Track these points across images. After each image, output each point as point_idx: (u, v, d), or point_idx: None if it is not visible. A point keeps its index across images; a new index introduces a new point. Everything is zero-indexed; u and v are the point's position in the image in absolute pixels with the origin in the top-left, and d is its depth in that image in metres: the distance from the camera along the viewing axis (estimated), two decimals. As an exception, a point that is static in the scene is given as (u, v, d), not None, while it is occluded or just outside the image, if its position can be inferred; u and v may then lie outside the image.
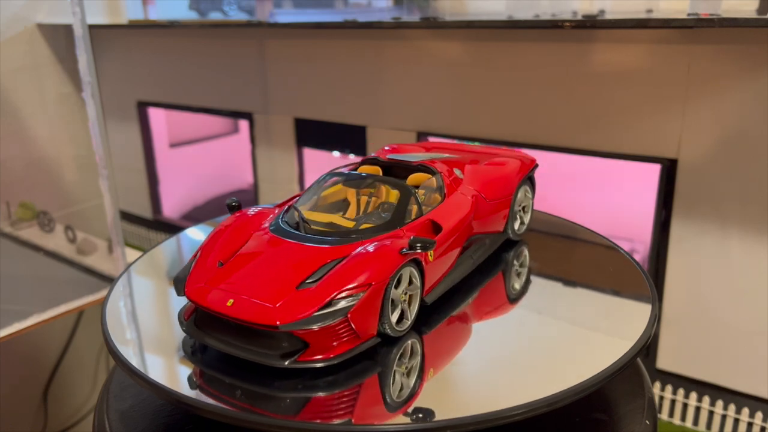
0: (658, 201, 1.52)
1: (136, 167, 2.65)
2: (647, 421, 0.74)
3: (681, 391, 1.57)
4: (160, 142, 2.66)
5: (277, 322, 0.64)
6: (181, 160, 2.75)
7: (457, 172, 0.89)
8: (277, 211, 0.83)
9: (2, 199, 1.96)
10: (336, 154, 2.17)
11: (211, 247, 0.77)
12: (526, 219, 0.99)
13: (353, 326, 0.66)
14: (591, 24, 1.37)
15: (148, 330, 0.80)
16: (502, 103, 1.67)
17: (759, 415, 1.48)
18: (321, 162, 2.20)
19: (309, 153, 2.18)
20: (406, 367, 0.68)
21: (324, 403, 0.63)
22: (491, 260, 0.91)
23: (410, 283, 0.72)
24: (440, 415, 0.60)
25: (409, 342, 0.72)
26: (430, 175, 0.85)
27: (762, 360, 1.45)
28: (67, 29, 1.69)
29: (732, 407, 1.51)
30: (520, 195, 0.96)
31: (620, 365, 0.66)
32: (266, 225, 0.79)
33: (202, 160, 2.83)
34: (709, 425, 1.55)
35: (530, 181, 1.00)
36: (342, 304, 0.65)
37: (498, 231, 0.93)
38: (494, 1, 1.73)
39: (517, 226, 0.97)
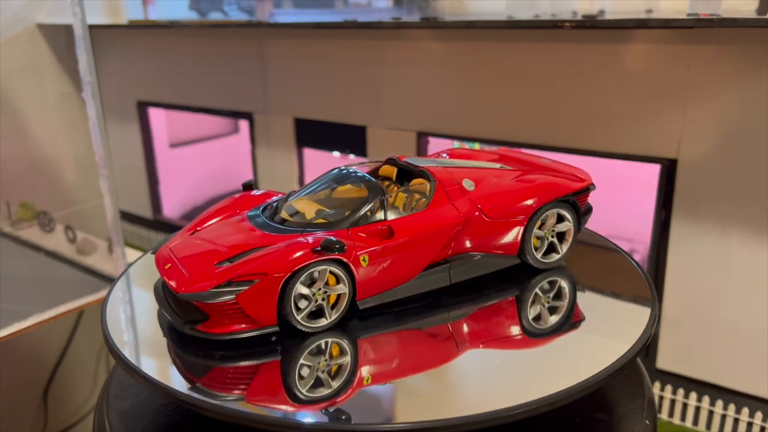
0: (658, 201, 1.52)
1: (136, 167, 2.65)
2: (647, 421, 0.74)
3: (681, 391, 1.57)
4: (160, 142, 2.65)
5: (178, 291, 0.69)
6: (181, 160, 2.75)
7: (466, 183, 0.83)
8: (278, 197, 0.85)
9: (2, 199, 1.97)
10: (336, 154, 2.17)
11: (199, 219, 0.83)
12: (563, 248, 0.86)
13: (243, 310, 0.68)
14: (591, 24, 1.36)
15: (148, 329, 0.80)
16: (502, 103, 1.67)
17: (759, 415, 1.48)
18: (321, 162, 2.20)
19: (309, 153, 2.18)
20: (327, 365, 0.68)
21: (221, 373, 0.67)
22: (506, 283, 0.84)
23: (338, 283, 0.73)
24: (440, 415, 0.60)
25: (329, 341, 0.71)
26: (425, 181, 0.83)
27: (762, 360, 1.45)
28: (67, 29, 1.69)
29: (732, 407, 1.51)
30: (548, 218, 0.84)
31: (620, 365, 0.66)
32: (253, 208, 0.83)
33: (202, 160, 2.82)
34: (708, 425, 1.55)
35: (572, 205, 0.86)
36: (234, 286, 0.68)
37: (510, 253, 0.84)
38: (494, 1, 1.73)
39: (541, 253, 0.85)
